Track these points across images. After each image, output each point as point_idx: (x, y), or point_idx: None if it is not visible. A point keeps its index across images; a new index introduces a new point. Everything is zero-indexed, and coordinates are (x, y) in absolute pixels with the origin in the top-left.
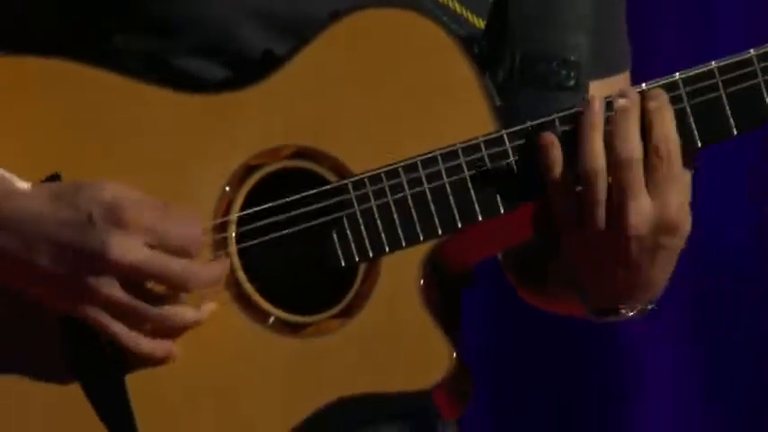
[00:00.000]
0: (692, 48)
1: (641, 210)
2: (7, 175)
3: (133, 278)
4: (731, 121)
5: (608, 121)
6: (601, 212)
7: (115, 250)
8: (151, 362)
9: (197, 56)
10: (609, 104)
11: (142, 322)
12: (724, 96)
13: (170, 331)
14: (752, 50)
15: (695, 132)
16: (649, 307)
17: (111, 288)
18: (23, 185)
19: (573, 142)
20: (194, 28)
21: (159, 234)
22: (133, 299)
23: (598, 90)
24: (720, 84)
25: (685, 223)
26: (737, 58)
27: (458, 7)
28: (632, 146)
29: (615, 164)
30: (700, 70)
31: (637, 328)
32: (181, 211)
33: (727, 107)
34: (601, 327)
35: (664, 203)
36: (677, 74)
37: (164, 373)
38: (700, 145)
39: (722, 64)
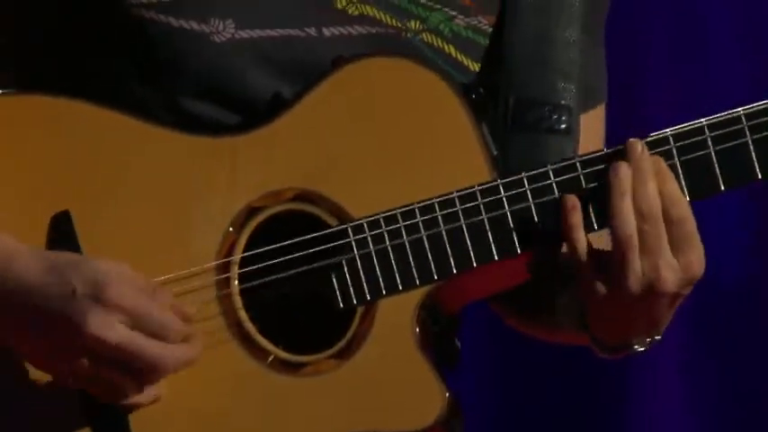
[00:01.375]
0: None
1: (672, 270)
2: (9, 243)
3: (105, 355)
4: (720, 178)
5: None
6: (635, 278)
7: (92, 326)
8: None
9: (205, 100)
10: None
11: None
12: (713, 154)
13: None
14: (740, 109)
15: (684, 188)
16: (657, 338)
17: (83, 361)
18: (23, 255)
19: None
20: (200, 74)
21: (139, 316)
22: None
23: (581, 123)
24: (710, 141)
25: (702, 270)
26: (726, 116)
27: (453, 52)
28: (655, 202)
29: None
30: (690, 127)
31: None
32: (167, 297)
33: (716, 165)
34: None
35: (688, 262)
36: (668, 130)
37: (164, 408)
38: (688, 200)
39: (712, 122)
